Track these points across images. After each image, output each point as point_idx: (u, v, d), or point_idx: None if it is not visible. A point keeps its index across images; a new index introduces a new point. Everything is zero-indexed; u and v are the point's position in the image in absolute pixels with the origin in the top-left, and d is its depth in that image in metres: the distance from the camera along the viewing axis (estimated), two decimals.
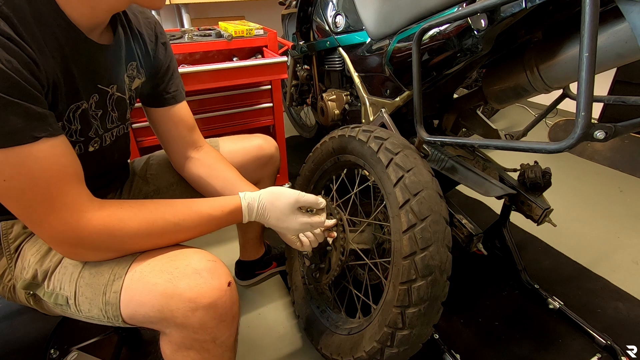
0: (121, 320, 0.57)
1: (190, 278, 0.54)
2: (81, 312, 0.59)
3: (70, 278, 0.58)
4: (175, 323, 0.54)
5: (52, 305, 0.61)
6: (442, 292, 0.71)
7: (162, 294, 0.53)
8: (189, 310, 0.52)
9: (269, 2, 2.78)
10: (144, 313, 0.54)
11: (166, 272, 0.54)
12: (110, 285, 0.56)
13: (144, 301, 0.54)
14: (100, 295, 0.56)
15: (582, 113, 0.48)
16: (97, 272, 0.57)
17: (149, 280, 0.54)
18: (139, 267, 0.56)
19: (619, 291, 1.16)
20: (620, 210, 1.56)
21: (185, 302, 0.52)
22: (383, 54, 1.03)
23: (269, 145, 0.96)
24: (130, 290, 0.55)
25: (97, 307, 0.57)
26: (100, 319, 0.59)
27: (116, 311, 0.56)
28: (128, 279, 0.55)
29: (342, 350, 0.82)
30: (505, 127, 2.41)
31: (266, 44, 1.38)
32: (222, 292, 0.55)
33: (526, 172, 0.94)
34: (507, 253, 1.14)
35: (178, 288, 0.53)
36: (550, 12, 0.72)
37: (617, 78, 1.89)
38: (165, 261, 0.56)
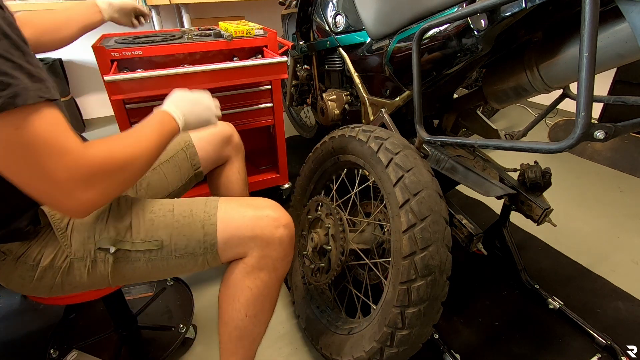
0: (215, 250, 0.68)
1: (270, 208, 0.70)
2: (175, 252, 0.67)
3: (164, 224, 0.67)
4: (262, 240, 0.67)
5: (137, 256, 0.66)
6: (442, 292, 0.71)
7: (253, 217, 0.68)
8: (274, 227, 0.68)
9: (269, 2, 2.78)
10: (239, 234, 0.67)
11: (251, 205, 0.70)
12: (208, 219, 0.68)
13: (239, 224, 0.68)
14: (199, 229, 0.67)
15: (582, 113, 0.48)
16: (190, 214, 0.69)
17: (240, 211, 0.69)
18: (228, 204, 0.70)
19: (618, 291, 1.16)
20: (620, 210, 1.56)
21: (271, 221, 0.68)
22: (383, 54, 1.03)
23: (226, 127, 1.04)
24: (225, 219, 0.68)
25: (195, 240, 0.67)
26: (195, 252, 0.68)
27: (214, 239, 0.67)
28: (221, 212, 0.69)
29: (342, 350, 0.82)
30: (505, 127, 2.41)
31: (266, 44, 1.38)
32: (289, 218, 0.71)
33: (526, 172, 0.94)
34: (507, 253, 1.14)
35: (264, 212, 0.69)
36: (550, 12, 0.72)
37: (617, 78, 1.89)
38: (244, 201, 0.72)
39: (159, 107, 0.71)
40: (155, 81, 1.12)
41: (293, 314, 1.11)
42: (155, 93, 1.16)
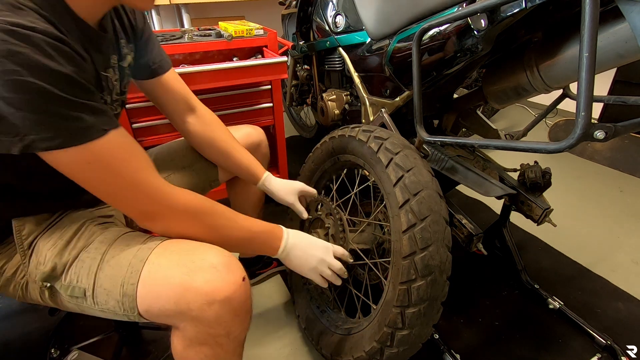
0: (137, 313, 0.57)
1: (206, 272, 0.55)
2: (97, 305, 0.60)
3: (89, 271, 0.59)
4: (191, 316, 0.54)
5: (67, 298, 0.61)
6: (442, 292, 0.71)
7: (179, 287, 0.54)
8: (205, 303, 0.53)
9: (269, 2, 2.78)
10: (160, 306, 0.55)
11: (183, 265, 0.56)
12: (128, 277, 0.57)
13: (160, 294, 0.55)
14: (118, 287, 0.57)
15: (582, 113, 0.48)
16: (116, 264, 0.58)
17: (166, 274, 0.56)
18: (157, 260, 0.57)
19: (618, 291, 1.16)
20: (620, 210, 1.56)
21: (202, 296, 0.53)
22: (383, 54, 1.03)
23: (256, 133, 1.02)
24: (147, 283, 0.56)
25: (113, 299, 0.58)
26: (116, 312, 0.59)
27: (132, 303, 0.57)
28: (145, 272, 0.56)
29: (342, 350, 0.82)
30: (505, 127, 2.41)
31: (266, 44, 1.38)
32: (237, 287, 0.56)
33: (526, 172, 0.94)
34: (507, 253, 1.14)
35: (195, 281, 0.54)
36: (550, 12, 0.72)
37: (617, 78, 1.89)
38: (182, 255, 0.58)
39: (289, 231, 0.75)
40: None
41: (293, 314, 1.11)
42: None
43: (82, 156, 0.49)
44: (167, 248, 0.60)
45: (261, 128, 1.05)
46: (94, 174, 0.52)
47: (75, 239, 0.62)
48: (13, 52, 0.42)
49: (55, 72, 0.44)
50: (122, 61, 0.68)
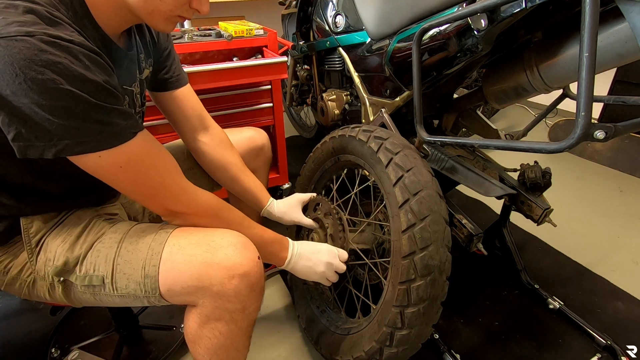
0: (158, 294, 0.60)
1: (226, 249, 0.59)
2: (116, 290, 0.61)
3: (106, 259, 0.61)
4: (212, 291, 0.58)
5: (81, 290, 0.62)
6: (442, 292, 0.71)
7: (201, 263, 0.58)
8: (226, 278, 0.57)
9: (269, 2, 2.78)
10: (182, 283, 0.58)
11: (204, 244, 0.59)
12: (150, 259, 0.60)
13: (183, 271, 0.58)
14: (140, 269, 0.60)
15: (582, 113, 0.48)
16: (135, 250, 0.61)
17: (188, 252, 0.59)
18: (177, 241, 0.61)
19: (618, 291, 1.16)
20: (620, 210, 1.56)
21: (223, 270, 0.57)
22: (383, 54, 1.03)
23: (260, 137, 1.01)
24: (169, 262, 0.59)
25: (134, 282, 0.60)
26: (137, 294, 0.61)
27: (155, 283, 0.59)
28: (166, 253, 0.60)
29: (342, 350, 0.82)
30: (505, 127, 2.41)
31: (266, 44, 1.38)
32: (254, 263, 0.60)
33: (526, 172, 0.94)
34: (507, 253, 1.14)
35: (216, 257, 0.58)
36: (550, 12, 0.72)
37: (617, 78, 1.89)
38: (201, 235, 0.61)
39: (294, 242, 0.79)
40: None
41: (293, 314, 1.10)
42: None
43: (114, 158, 0.52)
44: (184, 230, 0.63)
45: (261, 128, 1.05)
46: (125, 175, 0.54)
47: (84, 234, 0.64)
48: (53, 62, 0.44)
49: (90, 81, 0.47)
50: (140, 74, 0.71)
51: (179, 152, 0.91)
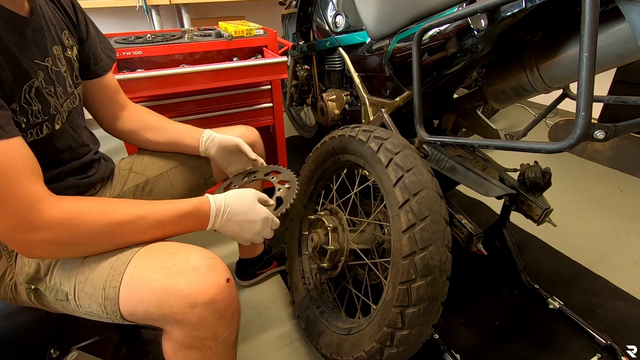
0: (120, 317, 0.57)
1: (189, 274, 0.54)
2: (81, 308, 0.59)
3: (70, 274, 0.58)
4: (175, 320, 0.53)
5: (52, 300, 0.61)
6: (442, 292, 0.71)
7: (161, 290, 0.53)
8: (188, 306, 0.52)
9: (269, 2, 2.78)
10: (143, 309, 0.54)
11: (165, 268, 0.55)
12: (110, 280, 0.56)
13: (143, 297, 0.54)
14: (100, 290, 0.56)
15: (582, 113, 0.48)
16: (97, 268, 0.57)
17: (148, 277, 0.54)
18: (139, 262, 0.56)
19: (618, 291, 1.16)
20: (620, 210, 1.56)
21: (184, 299, 0.52)
22: (383, 54, 1.03)
23: (251, 134, 0.99)
24: (129, 286, 0.55)
25: (96, 303, 0.57)
26: (100, 315, 0.58)
27: (115, 307, 0.56)
28: (127, 275, 0.55)
29: (342, 350, 0.82)
30: (505, 127, 2.41)
31: (266, 44, 1.38)
32: (221, 289, 0.55)
33: (526, 172, 0.94)
34: (507, 253, 1.14)
35: (177, 284, 0.53)
36: (550, 12, 0.72)
37: (617, 78, 1.89)
38: (164, 257, 0.56)
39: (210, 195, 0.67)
40: (155, 81, 1.12)
41: (293, 314, 1.10)
42: (155, 93, 1.16)
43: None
44: (150, 250, 0.58)
45: (261, 128, 1.05)
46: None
47: None
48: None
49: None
50: (66, 51, 0.66)
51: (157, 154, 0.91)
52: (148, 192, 0.88)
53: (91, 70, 0.76)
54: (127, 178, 0.87)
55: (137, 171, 0.88)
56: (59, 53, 0.64)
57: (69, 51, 0.68)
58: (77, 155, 0.72)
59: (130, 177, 0.87)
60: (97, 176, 0.77)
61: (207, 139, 0.88)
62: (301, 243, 1.12)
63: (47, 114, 0.60)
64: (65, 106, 0.66)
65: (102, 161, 0.82)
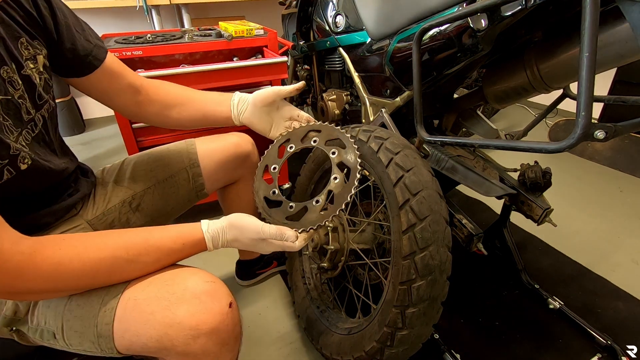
0: (116, 352, 0.54)
1: (189, 304, 0.50)
2: (70, 346, 0.55)
3: (55, 312, 0.54)
4: (176, 352, 0.51)
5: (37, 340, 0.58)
6: (442, 292, 0.71)
7: (160, 324, 0.50)
8: (190, 338, 0.50)
9: (269, 2, 2.78)
10: (141, 344, 0.51)
11: (163, 298, 0.51)
12: (102, 316, 0.52)
13: (140, 332, 0.51)
14: (92, 327, 0.52)
15: (582, 113, 0.48)
16: (86, 303, 0.53)
17: (145, 309, 0.51)
18: (132, 294, 0.52)
19: (619, 291, 1.16)
20: (620, 210, 1.56)
21: (186, 331, 0.49)
22: (383, 54, 1.03)
23: (245, 142, 0.94)
24: (124, 320, 0.51)
25: (88, 341, 0.53)
26: (93, 352, 0.55)
27: (110, 343, 0.52)
28: (121, 309, 0.52)
29: (342, 350, 0.82)
30: (505, 127, 2.41)
31: (266, 44, 1.39)
32: (224, 316, 0.52)
33: (526, 172, 0.94)
34: (507, 253, 1.14)
35: (177, 316, 0.50)
36: (550, 12, 0.72)
37: (617, 78, 1.89)
38: (160, 286, 0.53)
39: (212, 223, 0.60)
40: None
41: (293, 314, 1.11)
42: None
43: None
44: (142, 279, 0.54)
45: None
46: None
47: None
48: None
49: None
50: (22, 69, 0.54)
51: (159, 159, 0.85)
52: (135, 208, 0.79)
53: (83, 64, 0.65)
54: (111, 193, 0.78)
55: (122, 184, 0.80)
56: (9, 75, 0.52)
57: (29, 65, 0.56)
58: (54, 184, 0.64)
59: (115, 191, 0.79)
60: (77, 196, 0.70)
61: (238, 102, 0.77)
62: None
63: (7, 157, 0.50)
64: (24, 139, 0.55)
65: (81, 179, 0.74)
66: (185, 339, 0.49)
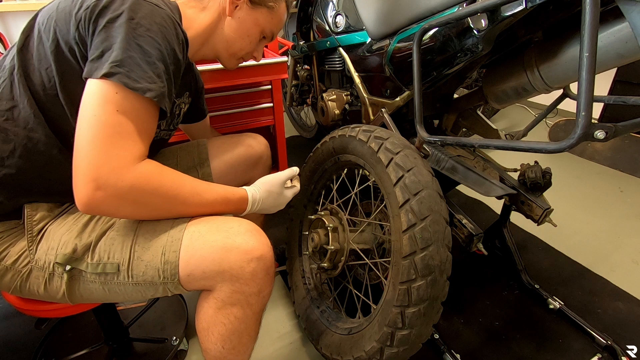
0: (177, 280, 0.61)
1: (244, 235, 0.62)
2: (132, 278, 0.61)
3: (123, 245, 0.61)
4: (231, 275, 0.60)
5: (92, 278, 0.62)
6: (442, 292, 0.71)
7: (222, 248, 0.60)
8: (245, 261, 0.60)
9: None
10: (203, 268, 0.60)
11: (223, 230, 0.62)
12: (170, 245, 0.61)
13: (204, 255, 0.60)
14: (159, 255, 0.60)
15: (582, 113, 0.48)
16: (153, 236, 0.62)
17: (209, 238, 0.61)
18: (197, 227, 0.62)
19: (618, 291, 1.16)
20: (620, 210, 1.56)
21: (242, 254, 0.60)
22: (383, 54, 1.03)
23: (258, 145, 0.98)
24: (190, 248, 0.60)
25: (153, 269, 0.61)
26: (154, 281, 0.62)
27: (175, 269, 0.60)
28: (187, 238, 0.61)
29: (342, 350, 0.82)
30: (505, 127, 2.41)
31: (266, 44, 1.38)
32: (269, 248, 0.64)
33: (526, 172, 0.94)
34: (507, 253, 1.14)
35: (235, 242, 0.61)
36: (550, 12, 0.72)
37: (617, 78, 1.89)
38: (219, 222, 0.63)
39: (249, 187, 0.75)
40: None
41: (293, 314, 1.11)
42: None
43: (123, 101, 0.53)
44: (201, 219, 0.64)
45: (261, 128, 1.05)
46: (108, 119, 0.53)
47: (92, 222, 0.64)
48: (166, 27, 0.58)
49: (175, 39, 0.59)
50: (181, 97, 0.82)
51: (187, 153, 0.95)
52: None
53: (196, 114, 0.97)
54: None
55: None
56: (183, 100, 0.83)
57: (182, 105, 0.84)
58: None
59: None
60: None
61: None
62: (301, 243, 1.12)
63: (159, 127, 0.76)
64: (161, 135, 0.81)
65: None
66: (241, 262, 0.60)
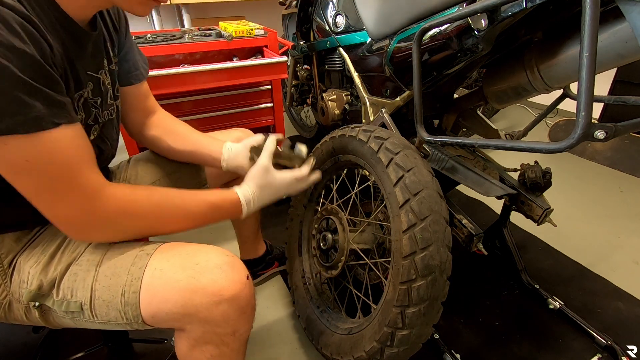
0: (141, 321, 0.56)
1: (212, 272, 0.55)
2: (96, 317, 0.58)
3: (84, 283, 0.57)
4: (199, 318, 0.54)
5: (61, 314, 0.59)
6: (442, 292, 0.71)
7: (186, 290, 0.54)
8: (213, 304, 0.54)
9: (269, 2, 2.78)
10: (167, 310, 0.55)
11: (187, 267, 0.55)
12: (129, 285, 0.56)
13: (166, 298, 0.54)
14: (119, 296, 0.56)
15: (582, 113, 0.48)
16: (113, 274, 0.57)
17: (171, 277, 0.55)
18: (158, 264, 0.57)
19: (619, 291, 1.16)
20: (620, 210, 1.56)
21: (209, 296, 0.53)
22: (383, 54, 1.03)
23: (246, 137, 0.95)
24: (151, 288, 0.55)
25: (115, 310, 0.56)
26: (118, 322, 0.58)
27: (136, 311, 0.55)
28: (147, 277, 0.55)
29: (342, 350, 0.82)
30: (505, 127, 2.41)
31: (266, 44, 1.39)
32: (243, 285, 0.56)
33: (526, 172, 0.94)
34: (507, 253, 1.14)
35: (201, 282, 0.54)
36: (550, 12, 0.72)
37: (617, 78, 1.89)
38: (184, 257, 0.57)
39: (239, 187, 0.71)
40: (156, 81, 1.12)
41: (293, 314, 1.11)
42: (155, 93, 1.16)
43: (21, 149, 0.44)
44: (166, 252, 0.58)
45: (261, 128, 1.05)
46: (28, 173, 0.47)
47: (59, 252, 0.60)
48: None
49: (19, 50, 0.42)
50: (111, 64, 0.68)
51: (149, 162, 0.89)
52: None
53: (128, 77, 0.77)
54: None
55: (128, 180, 0.85)
56: (106, 66, 0.66)
57: (113, 64, 0.69)
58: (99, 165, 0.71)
59: None
60: None
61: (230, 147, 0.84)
62: (301, 243, 1.12)
63: (85, 124, 0.60)
64: (103, 117, 0.67)
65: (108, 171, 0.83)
66: (209, 304, 0.54)
